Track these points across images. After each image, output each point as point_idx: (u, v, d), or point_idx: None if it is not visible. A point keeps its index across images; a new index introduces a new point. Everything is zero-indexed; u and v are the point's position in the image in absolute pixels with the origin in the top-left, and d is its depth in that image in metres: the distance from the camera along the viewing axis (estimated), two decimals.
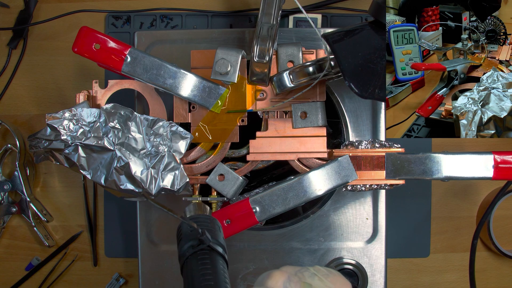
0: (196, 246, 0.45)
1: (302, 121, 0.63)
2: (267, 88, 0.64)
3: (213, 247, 0.45)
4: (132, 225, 0.72)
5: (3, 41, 0.84)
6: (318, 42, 0.67)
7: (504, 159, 0.60)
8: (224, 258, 0.46)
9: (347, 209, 0.68)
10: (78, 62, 0.83)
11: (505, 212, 0.82)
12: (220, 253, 0.45)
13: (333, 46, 0.55)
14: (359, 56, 0.54)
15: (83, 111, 0.61)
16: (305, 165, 0.64)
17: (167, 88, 0.61)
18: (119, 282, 0.81)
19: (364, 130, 0.67)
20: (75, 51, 0.61)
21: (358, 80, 0.53)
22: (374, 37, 0.56)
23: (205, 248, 0.45)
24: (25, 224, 0.83)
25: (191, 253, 0.44)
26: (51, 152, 0.62)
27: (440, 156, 0.61)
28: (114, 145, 0.61)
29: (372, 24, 0.57)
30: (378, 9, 0.56)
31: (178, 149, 0.62)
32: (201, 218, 0.51)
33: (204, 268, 0.42)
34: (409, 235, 0.82)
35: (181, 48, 0.68)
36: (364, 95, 0.53)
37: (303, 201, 0.61)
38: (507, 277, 0.83)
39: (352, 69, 0.53)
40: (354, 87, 0.53)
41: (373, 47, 0.55)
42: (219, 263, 0.44)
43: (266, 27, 0.59)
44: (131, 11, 0.82)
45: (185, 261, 0.44)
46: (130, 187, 0.61)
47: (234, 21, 0.82)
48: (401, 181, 0.62)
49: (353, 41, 0.56)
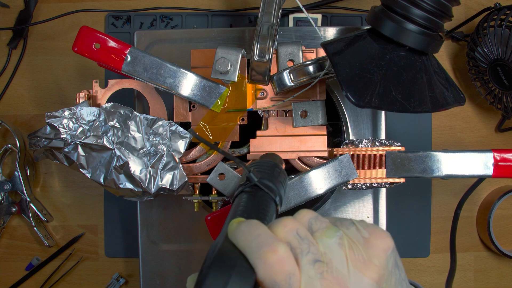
0: (244, 184, 0.44)
1: (303, 120, 0.63)
2: (267, 87, 0.64)
3: (259, 185, 0.44)
4: (133, 225, 0.72)
5: (3, 41, 0.84)
6: (318, 41, 0.67)
7: (504, 157, 0.60)
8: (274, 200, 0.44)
9: (347, 207, 0.68)
10: (78, 62, 0.83)
11: (505, 212, 0.82)
12: (267, 193, 0.44)
13: (332, 57, 0.55)
14: (356, 66, 0.55)
15: (82, 110, 0.61)
16: (305, 164, 0.64)
17: (167, 88, 0.61)
18: (119, 282, 0.81)
19: (364, 129, 0.67)
20: (75, 51, 0.61)
21: (355, 89, 0.53)
22: (371, 46, 0.56)
23: (252, 186, 0.44)
24: (25, 224, 0.83)
25: (240, 191, 0.44)
26: (50, 151, 0.62)
27: (440, 155, 0.61)
28: (113, 144, 0.61)
29: (370, 32, 0.58)
30: (376, 18, 0.56)
31: (177, 148, 0.62)
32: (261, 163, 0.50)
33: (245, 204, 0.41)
34: (409, 235, 0.82)
35: (181, 47, 0.68)
36: (361, 105, 0.53)
37: (304, 200, 0.61)
38: (507, 277, 0.83)
39: (350, 78, 0.54)
40: (351, 97, 0.53)
41: (370, 57, 0.55)
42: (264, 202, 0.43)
43: (266, 26, 0.59)
44: (131, 11, 0.82)
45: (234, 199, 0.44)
46: (129, 186, 0.61)
47: (234, 20, 0.82)
48: (401, 179, 0.62)
49: (351, 50, 0.56)
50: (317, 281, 0.33)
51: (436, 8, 0.54)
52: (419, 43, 0.55)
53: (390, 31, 0.55)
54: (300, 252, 0.34)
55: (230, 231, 0.35)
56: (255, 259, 0.33)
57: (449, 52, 0.83)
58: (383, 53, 0.55)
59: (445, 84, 0.58)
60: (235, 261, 0.33)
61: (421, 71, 0.56)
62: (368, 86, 0.54)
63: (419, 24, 0.54)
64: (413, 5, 0.54)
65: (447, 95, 0.57)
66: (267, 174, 0.47)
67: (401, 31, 0.54)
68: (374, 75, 0.54)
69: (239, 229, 0.34)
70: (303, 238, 0.35)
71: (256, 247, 0.33)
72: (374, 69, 0.54)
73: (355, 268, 0.34)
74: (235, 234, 0.34)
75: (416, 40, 0.55)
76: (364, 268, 0.34)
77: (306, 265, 0.33)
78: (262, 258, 0.32)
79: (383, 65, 0.54)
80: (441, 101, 0.56)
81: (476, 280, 0.83)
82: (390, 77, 0.54)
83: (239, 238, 0.34)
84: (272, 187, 0.44)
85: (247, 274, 0.33)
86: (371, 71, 0.54)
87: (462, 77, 0.83)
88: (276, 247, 0.33)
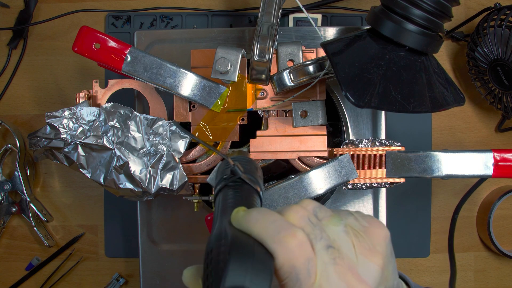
0: (228, 178, 0.43)
1: (303, 120, 0.63)
2: (267, 87, 0.64)
3: (244, 179, 0.43)
4: (133, 225, 0.72)
5: (3, 41, 0.84)
6: (318, 41, 0.67)
7: (504, 157, 0.60)
8: (258, 193, 0.43)
9: (347, 207, 0.68)
10: (78, 62, 0.83)
11: (505, 212, 0.82)
12: (252, 187, 0.43)
13: (332, 57, 0.55)
14: (356, 66, 0.55)
15: (82, 110, 0.61)
16: (305, 164, 0.64)
17: (167, 88, 0.61)
18: (119, 282, 0.81)
19: (364, 129, 0.67)
20: (75, 51, 0.61)
21: (354, 89, 0.53)
22: (371, 46, 0.56)
23: (237, 180, 0.43)
24: (25, 224, 0.83)
25: (223, 186, 0.43)
26: (50, 151, 0.62)
27: (440, 155, 0.61)
28: (113, 144, 0.61)
29: (370, 32, 0.58)
30: (375, 18, 0.56)
31: (177, 148, 0.62)
32: (239, 158, 0.49)
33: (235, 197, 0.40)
34: (409, 235, 0.82)
35: (181, 47, 0.68)
36: (360, 105, 0.53)
37: None
38: (507, 277, 0.83)
39: (349, 79, 0.54)
40: (350, 97, 0.53)
41: (370, 57, 0.55)
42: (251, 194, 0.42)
43: (266, 26, 0.59)
44: (131, 11, 0.82)
45: (217, 194, 0.43)
46: (129, 186, 0.61)
47: (234, 20, 0.83)
48: (401, 179, 0.62)
49: (351, 50, 0.56)
50: (331, 266, 0.33)
51: (435, 8, 0.54)
52: (418, 43, 0.55)
53: (390, 31, 0.55)
54: (314, 238, 0.34)
55: (238, 219, 0.34)
56: (274, 244, 0.32)
57: (449, 52, 0.83)
58: (383, 53, 0.55)
59: (445, 84, 0.58)
60: (253, 247, 0.32)
61: (420, 71, 0.56)
62: (368, 86, 0.54)
63: (419, 24, 0.54)
64: (412, 6, 0.54)
65: (446, 95, 0.57)
66: (247, 168, 0.46)
67: (400, 31, 0.54)
68: (374, 75, 0.54)
69: (251, 216, 0.34)
70: (315, 225, 0.35)
71: (274, 232, 0.32)
72: (373, 69, 0.54)
73: (361, 255, 0.35)
74: (247, 221, 0.33)
75: (415, 40, 0.55)
76: (370, 255, 0.35)
77: (321, 250, 0.34)
78: (282, 243, 0.32)
79: (382, 65, 0.54)
80: (440, 101, 0.56)
81: (476, 280, 0.83)
82: (389, 77, 0.54)
83: (253, 225, 0.33)
84: (255, 180, 0.44)
85: (267, 260, 0.32)
86: (370, 71, 0.54)
87: (462, 77, 0.83)
88: (295, 231, 0.33)
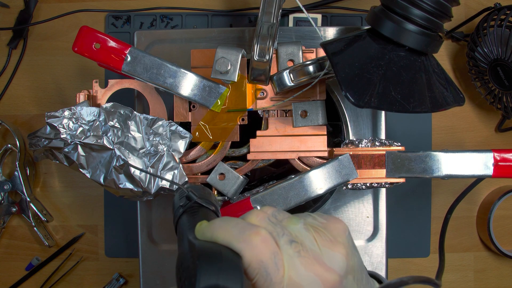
0: (185, 205, 0.45)
1: (303, 120, 0.63)
2: (267, 87, 0.64)
3: (201, 203, 0.45)
4: (133, 225, 0.72)
5: (3, 41, 0.84)
6: (318, 41, 0.67)
7: (504, 157, 0.60)
8: (215, 213, 0.46)
9: (347, 207, 0.68)
10: (78, 62, 0.83)
11: (505, 212, 0.82)
12: (210, 208, 0.45)
13: (331, 57, 0.55)
14: (356, 66, 0.55)
15: (82, 110, 0.61)
16: (305, 164, 0.64)
17: (167, 87, 0.61)
18: (119, 282, 0.81)
19: (364, 129, 0.67)
20: (75, 51, 0.61)
21: (354, 89, 0.53)
22: (371, 46, 0.56)
23: (194, 205, 0.45)
24: (25, 224, 0.83)
25: (181, 213, 0.45)
26: (50, 151, 0.62)
27: (440, 154, 0.61)
28: (113, 144, 0.61)
29: (369, 32, 0.58)
30: (375, 18, 0.56)
31: (177, 148, 0.62)
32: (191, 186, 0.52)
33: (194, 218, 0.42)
34: (409, 235, 0.82)
35: (181, 47, 0.68)
36: (360, 105, 0.53)
37: (304, 200, 0.61)
38: (507, 277, 0.83)
39: (349, 78, 0.54)
40: (350, 97, 0.53)
41: (369, 57, 0.55)
42: (209, 213, 0.44)
43: (266, 26, 0.59)
44: (131, 11, 0.82)
45: (177, 221, 0.45)
46: (129, 186, 0.61)
47: (234, 20, 0.83)
48: (401, 179, 0.62)
49: (350, 50, 0.56)
50: (297, 259, 0.36)
51: (435, 8, 0.54)
52: (418, 43, 0.55)
53: (390, 31, 0.55)
54: (276, 235, 0.36)
55: (202, 230, 0.37)
56: (239, 243, 0.35)
57: (449, 52, 0.83)
58: (383, 53, 0.55)
59: (445, 84, 0.58)
60: (220, 250, 0.35)
61: (420, 71, 0.56)
62: (368, 86, 0.54)
63: (419, 24, 0.54)
64: (412, 5, 0.54)
65: (446, 95, 0.57)
66: (201, 194, 0.48)
67: (400, 31, 0.54)
68: (374, 75, 0.54)
69: (214, 224, 0.36)
70: (275, 224, 0.37)
71: (238, 233, 0.35)
72: (373, 69, 0.54)
73: (324, 247, 0.37)
74: (212, 229, 0.36)
75: (415, 40, 0.55)
76: (332, 246, 0.37)
77: (284, 245, 0.36)
78: (247, 241, 0.35)
79: (382, 65, 0.54)
80: (440, 101, 0.56)
81: (476, 280, 0.83)
82: (389, 77, 0.54)
83: (217, 231, 0.36)
84: (211, 202, 0.46)
85: (235, 259, 0.34)
86: (370, 71, 0.54)
87: (462, 77, 0.83)
88: (258, 229, 0.36)
